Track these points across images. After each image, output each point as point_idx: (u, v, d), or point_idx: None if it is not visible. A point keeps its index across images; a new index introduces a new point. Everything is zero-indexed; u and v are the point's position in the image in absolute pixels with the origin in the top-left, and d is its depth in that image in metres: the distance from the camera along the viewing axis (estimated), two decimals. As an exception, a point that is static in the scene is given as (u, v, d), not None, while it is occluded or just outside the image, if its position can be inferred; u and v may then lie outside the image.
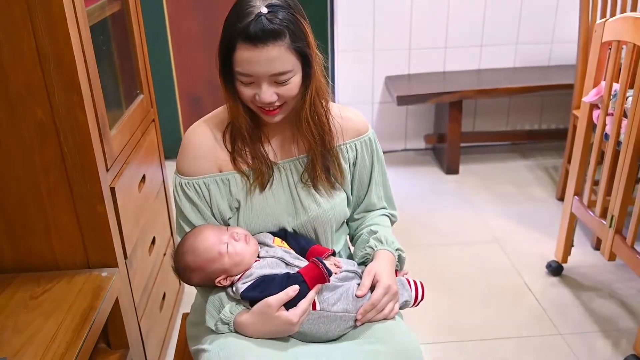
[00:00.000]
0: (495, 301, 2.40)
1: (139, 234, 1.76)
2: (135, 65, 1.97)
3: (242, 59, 1.16)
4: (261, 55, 1.14)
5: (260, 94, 1.19)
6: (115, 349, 1.61)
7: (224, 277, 1.26)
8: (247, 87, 1.20)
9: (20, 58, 1.31)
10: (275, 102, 1.21)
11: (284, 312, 1.21)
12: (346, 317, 1.26)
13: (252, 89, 1.20)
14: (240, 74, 1.18)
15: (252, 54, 1.14)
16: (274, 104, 1.22)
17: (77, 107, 1.36)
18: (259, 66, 1.16)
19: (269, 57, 1.15)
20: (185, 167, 1.32)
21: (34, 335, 1.30)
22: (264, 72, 1.16)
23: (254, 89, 1.20)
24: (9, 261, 1.52)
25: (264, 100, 1.19)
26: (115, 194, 1.53)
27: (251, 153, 1.32)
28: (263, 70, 1.16)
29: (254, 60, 1.15)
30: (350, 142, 1.39)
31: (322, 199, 1.36)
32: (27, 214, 1.47)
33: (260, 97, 1.19)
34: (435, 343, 2.16)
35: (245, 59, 1.15)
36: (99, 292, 1.45)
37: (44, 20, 1.28)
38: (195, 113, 3.70)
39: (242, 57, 1.16)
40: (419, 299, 1.37)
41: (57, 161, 1.42)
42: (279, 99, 1.21)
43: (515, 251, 2.73)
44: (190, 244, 1.27)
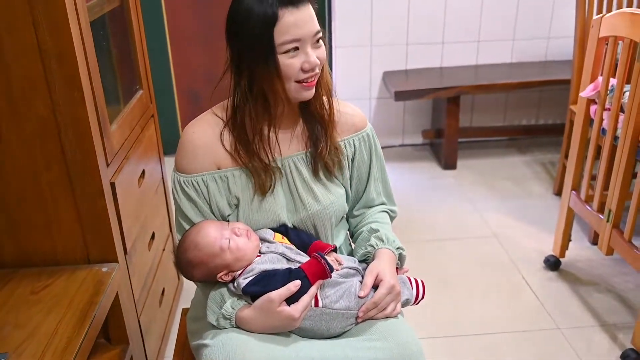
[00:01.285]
0: (493, 296, 2.41)
1: (138, 230, 1.77)
2: (135, 61, 1.97)
3: (288, 24, 1.18)
4: (305, 14, 1.20)
5: (309, 58, 1.21)
6: (115, 344, 1.61)
7: (225, 273, 1.26)
8: (294, 58, 1.22)
9: (22, 54, 1.31)
10: (318, 66, 1.24)
11: (286, 307, 1.21)
12: (348, 314, 1.27)
13: (299, 58, 1.22)
14: (288, 42, 1.19)
15: (297, 16, 1.18)
16: (316, 70, 1.24)
17: (78, 103, 1.37)
18: (305, 26, 1.20)
19: (310, 15, 1.21)
20: (184, 165, 1.33)
21: (35, 331, 1.30)
22: (309, 32, 1.20)
23: (300, 58, 1.22)
24: (9, 256, 1.53)
25: (314, 62, 1.22)
26: (116, 189, 1.53)
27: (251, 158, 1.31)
28: (308, 30, 1.20)
29: (300, 22, 1.19)
30: (349, 138, 1.39)
31: (322, 195, 1.37)
32: (27, 209, 1.47)
33: (309, 61, 1.21)
34: (433, 338, 2.17)
35: (292, 22, 1.18)
36: (99, 288, 1.45)
37: (45, 16, 1.28)
38: (193, 109, 3.70)
39: (289, 22, 1.18)
40: (419, 298, 1.37)
41: (57, 156, 1.42)
42: (319, 65, 1.24)
43: (513, 246, 2.74)
44: (192, 240, 1.27)
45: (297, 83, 1.24)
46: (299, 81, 1.24)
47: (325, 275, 1.23)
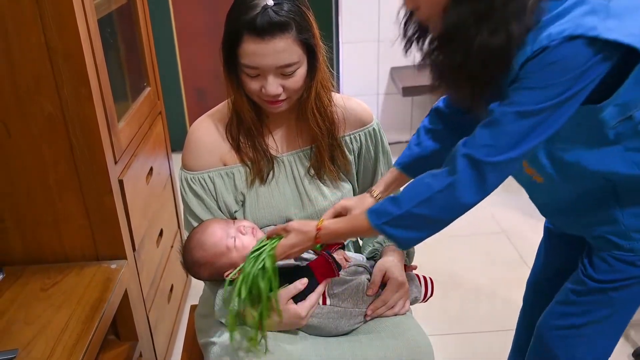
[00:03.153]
0: (502, 293, 2.40)
1: (146, 226, 1.77)
2: (142, 58, 1.97)
3: (248, 51, 1.15)
4: (268, 47, 1.14)
5: (267, 87, 1.18)
6: (124, 341, 1.62)
7: (232, 271, 1.26)
8: (253, 79, 1.20)
9: (30, 52, 1.31)
10: (280, 94, 1.20)
11: (293, 305, 1.21)
12: (356, 312, 1.26)
13: (258, 82, 1.20)
14: (246, 66, 1.18)
15: (258, 47, 1.14)
16: (279, 96, 1.21)
17: (86, 100, 1.37)
18: (266, 58, 1.15)
19: (275, 49, 1.14)
20: (191, 162, 1.33)
21: (44, 327, 1.31)
22: (271, 65, 1.16)
23: (260, 82, 1.19)
24: (19, 253, 1.53)
25: (270, 92, 1.19)
26: (124, 186, 1.54)
27: (252, 146, 1.32)
28: (270, 63, 1.16)
29: (260, 53, 1.15)
30: (355, 132, 1.39)
31: (328, 191, 1.36)
32: (36, 206, 1.48)
33: (266, 90, 1.19)
34: (442, 335, 2.16)
35: (252, 51, 1.15)
36: (108, 284, 1.46)
37: (53, 14, 1.28)
38: (200, 106, 3.70)
39: (249, 50, 1.15)
40: (428, 295, 1.37)
41: (66, 154, 1.42)
42: (284, 92, 1.21)
43: (522, 242, 2.72)
44: (198, 239, 1.27)
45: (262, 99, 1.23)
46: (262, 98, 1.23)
47: (333, 273, 1.22)
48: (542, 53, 0.93)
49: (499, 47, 0.95)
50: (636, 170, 1.06)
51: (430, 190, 1.03)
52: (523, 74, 0.96)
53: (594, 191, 1.14)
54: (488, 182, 1.01)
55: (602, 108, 0.99)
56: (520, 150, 0.99)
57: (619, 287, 1.17)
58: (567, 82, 0.93)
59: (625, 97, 0.98)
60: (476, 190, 1.01)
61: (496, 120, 0.98)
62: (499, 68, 0.97)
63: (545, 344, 1.29)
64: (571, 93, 0.94)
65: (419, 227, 1.07)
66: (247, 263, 1.17)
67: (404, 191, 1.08)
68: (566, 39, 0.91)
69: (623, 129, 1.02)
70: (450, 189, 1.01)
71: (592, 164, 1.08)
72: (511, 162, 1.01)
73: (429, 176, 1.06)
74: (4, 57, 1.32)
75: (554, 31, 0.92)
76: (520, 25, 0.93)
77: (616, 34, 0.90)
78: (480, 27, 0.94)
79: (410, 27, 1.15)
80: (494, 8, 0.93)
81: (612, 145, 1.04)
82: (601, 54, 0.92)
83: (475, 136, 1.01)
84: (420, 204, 1.04)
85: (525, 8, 0.93)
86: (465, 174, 1.00)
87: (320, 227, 1.15)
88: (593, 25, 0.90)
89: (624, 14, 0.93)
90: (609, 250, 1.16)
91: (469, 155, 1.00)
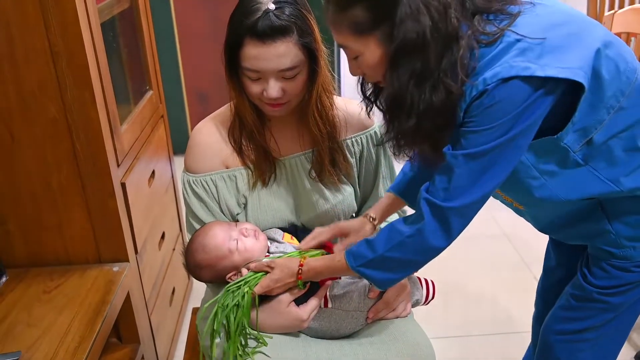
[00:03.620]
0: (504, 296, 2.40)
1: (148, 229, 1.78)
2: (145, 62, 1.98)
3: (249, 55, 1.16)
4: (269, 51, 1.14)
5: (268, 90, 1.19)
6: (126, 344, 1.62)
7: (234, 273, 1.27)
8: (254, 82, 1.20)
9: (33, 56, 1.32)
10: (281, 97, 1.21)
11: (294, 307, 1.22)
12: (358, 315, 1.27)
13: (259, 85, 1.20)
14: (248, 69, 1.18)
15: (260, 51, 1.15)
16: (280, 100, 1.22)
17: (89, 104, 1.38)
18: (267, 62, 1.16)
19: (277, 53, 1.15)
20: (193, 165, 1.34)
21: (47, 329, 1.31)
22: (272, 68, 1.17)
23: (261, 85, 1.20)
24: (21, 256, 1.54)
25: (271, 95, 1.19)
26: (126, 190, 1.54)
27: (254, 149, 1.32)
28: (271, 67, 1.16)
29: (262, 57, 1.15)
30: (356, 135, 1.39)
31: (330, 194, 1.37)
32: (39, 209, 1.49)
33: (267, 93, 1.19)
34: (442, 338, 2.16)
35: (253, 55, 1.15)
36: (111, 287, 1.46)
37: (56, 18, 1.29)
38: (202, 109, 3.71)
39: (250, 54, 1.16)
40: (429, 298, 1.37)
41: (69, 157, 1.43)
42: (285, 95, 1.21)
43: (524, 245, 2.72)
44: (200, 242, 1.28)
45: (263, 102, 1.24)
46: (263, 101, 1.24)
47: (335, 278, 1.23)
48: (480, 97, 0.95)
49: (442, 103, 0.97)
50: (611, 186, 1.07)
51: (401, 235, 1.07)
52: (467, 118, 0.99)
53: (579, 209, 1.16)
54: (452, 227, 1.04)
55: (562, 137, 1.02)
56: (477, 193, 1.02)
57: (616, 292, 1.18)
58: (509, 121, 0.95)
59: (583, 122, 1.01)
60: (442, 235, 1.04)
61: (448, 164, 1.01)
62: (448, 121, 1.00)
63: (550, 349, 1.30)
64: (516, 132, 0.96)
65: (393, 269, 1.11)
66: (225, 296, 1.19)
67: (379, 235, 1.11)
68: (501, 81, 0.93)
69: (587, 152, 1.05)
70: (419, 234, 1.05)
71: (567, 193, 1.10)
72: (471, 206, 1.03)
73: (401, 221, 1.09)
74: (8, 61, 1.33)
75: (488, 75, 0.94)
76: (456, 78, 0.96)
77: (552, 70, 0.93)
78: (421, 88, 0.97)
79: (366, 87, 1.20)
80: (429, 67, 0.95)
81: (581, 167, 1.06)
82: (542, 89, 0.94)
83: (435, 181, 1.04)
84: (392, 249, 1.08)
85: (457, 61, 0.95)
86: (430, 220, 1.04)
87: (302, 263, 1.19)
88: (526, 66, 0.93)
89: (561, 48, 0.95)
90: (605, 259, 1.17)
91: (429, 201, 1.03)
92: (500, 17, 0.98)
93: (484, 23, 0.97)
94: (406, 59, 0.96)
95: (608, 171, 1.06)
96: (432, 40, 0.94)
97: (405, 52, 0.95)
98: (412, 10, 0.93)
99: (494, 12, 0.98)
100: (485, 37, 0.96)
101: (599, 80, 0.98)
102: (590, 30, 1.01)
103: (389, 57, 0.98)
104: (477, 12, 0.98)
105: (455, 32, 0.95)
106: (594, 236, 1.17)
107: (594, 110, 1.00)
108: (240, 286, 1.19)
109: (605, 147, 1.04)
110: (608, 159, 1.06)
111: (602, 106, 1.00)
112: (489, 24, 0.97)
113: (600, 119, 1.01)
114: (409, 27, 0.93)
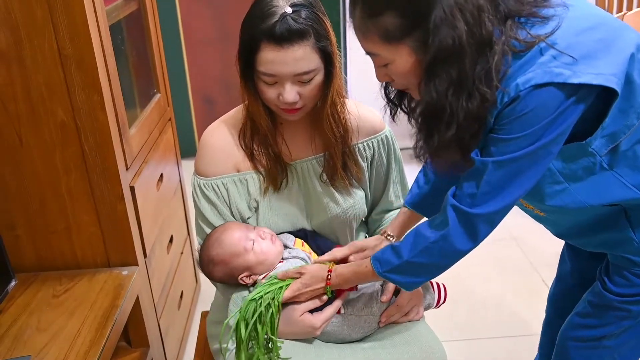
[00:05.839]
0: (512, 299, 2.38)
1: (157, 233, 1.77)
2: (152, 65, 1.98)
3: (266, 59, 1.14)
4: (287, 55, 1.13)
5: (284, 94, 1.17)
6: (135, 347, 1.62)
7: (247, 275, 1.26)
8: (270, 87, 1.19)
9: (42, 59, 1.32)
10: (297, 101, 1.20)
11: (308, 315, 1.21)
12: (370, 319, 1.26)
13: (275, 89, 1.18)
14: (264, 74, 1.16)
15: (277, 54, 1.13)
16: (296, 104, 1.20)
17: (98, 107, 1.37)
18: (284, 66, 1.14)
19: (294, 57, 1.13)
20: (204, 168, 1.33)
21: (57, 334, 1.31)
22: (289, 72, 1.15)
23: (277, 89, 1.18)
24: (30, 260, 1.53)
25: (288, 100, 1.18)
26: (135, 193, 1.54)
27: (266, 154, 1.31)
28: (288, 71, 1.15)
29: (279, 61, 1.14)
30: (367, 140, 1.38)
31: (341, 198, 1.36)
32: (48, 213, 1.48)
33: (283, 97, 1.18)
34: (451, 341, 2.15)
35: (270, 59, 1.14)
36: (120, 291, 1.46)
37: (65, 21, 1.29)
38: (208, 113, 3.71)
39: (267, 58, 1.14)
40: (441, 301, 1.37)
41: (77, 161, 1.43)
42: (301, 99, 1.20)
43: (532, 249, 2.71)
44: (217, 237, 1.28)
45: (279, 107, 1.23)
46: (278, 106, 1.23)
47: (352, 288, 1.23)
48: (512, 104, 0.93)
49: (478, 110, 0.95)
50: (636, 192, 1.05)
51: (427, 241, 1.07)
52: (497, 126, 0.97)
53: (602, 216, 1.14)
54: (479, 233, 1.05)
55: (590, 143, 1.00)
56: (505, 200, 1.01)
57: (637, 301, 1.16)
58: (541, 129, 0.94)
59: (612, 128, 0.99)
60: (468, 240, 1.05)
61: (477, 170, 1.00)
62: (481, 127, 0.98)
63: (567, 355, 1.28)
64: (547, 139, 0.95)
65: (419, 273, 1.12)
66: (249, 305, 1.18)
67: (404, 241, 1.12)
68: (534, 88, 0.91)
69: (613, 157, 1.03)
70: (443, 240, 1.05)
71: (591, 198, 1.07)
72: (499, 212, 1.03)
73: (426, 226, 1.09)
74: (17, 65, 1.32)
75: (521, 81, 0.92)
76: (490, 85, 0.93)
77: (585, 76, 0.90)
78: (459, 97, 0.94)
79: (389, 90, 1.17)
80: (466, 74, 0.93)
81: (606, 172, 1.04)
82: (574, 96, 0.92)
83: (462, 186, 1.03)
84: (418, 254, 1.08)
85: (491, 68, 0.92)
86: (456, 225, 1.03)
87: (331, 269, 1.20)
88: (560, 72, 0.90)
89: (594, 53, 0.93)
90: (627, 267, 1.15)
91: (455, 207, 1.03)
92: (532, 21, 0.95)
93: (515, 28, 0.94)
94: (443, 67, 0.93)
95: (633, 177, 1.04)
96: (467, 46, 0.91)
97: (442, 60, 0.92)
98: (446, 16, 0.89)
99: (525, 16, 0.95)
100: (517, 44, 0.93)
101: (631, 85, 0.96)
102: (623, 34, 0.98)
103: (425, 65, 0.95)
104: (509, 16, 0.95)
105: (490, 38, 0.92)
106: (617, 244, 1.15)
107: (624, 116, 0.98)
108: (262, 296, 1.18)
109: (631, 152, 1.02)
110: (633, 165, 1.04)
111: (633, 111, 0.98)
112: (521, 29, 0.94)
113: (630, 124, 0.99)
114: (444, 33, 0.90)
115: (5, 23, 1.29)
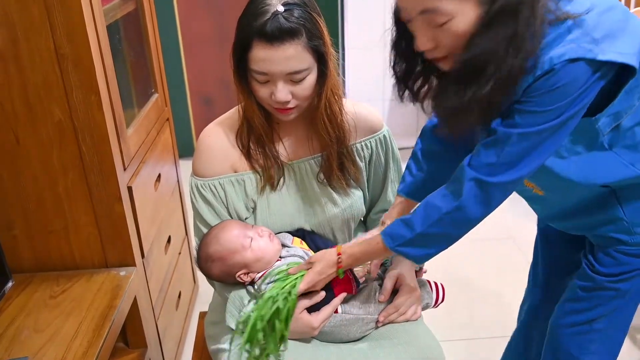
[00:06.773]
0: (509, 298, 2.38)
1: (155, 233, 1.77)
2: (150, 64, 1.97)
3: (258, 57, 1.15)
4: (278, 54, 1.13)
5: (276, 93, 1.18)
6: (133, 348, 1.61)
7: (244, 272, 1.26)
8: (263, 85, 1.19)
9: (39, 58, 1.31)
10: (290, 101, 1.20)
11: (306, 315, 1.20)
12: (368, 319, 1.26)
13: (268, 88, 1.19)
14: (256, 72, 1.17)
15: (268, 53, 1.13)
16: (288, 103, 1.20)
17: (95, 107, 1.37)
18: (276, 65, 1.14)
19: (285, 55, 1.14)
20: (201, 169, 1.32)
21: (54, 335, 1.30)
22: (280, 71, 1.15)
23: (270, 88, 1.19)
24: (27, 261, 1.53)
25: (280, 99, 1.18)
26: (133, 193, 1.53)
27: (263, 153, 1.31)
28: (279, 69, 1.15)
29: (270, 59, 1.14)
30: (365, 139, 1.38)
31: (339, 198, 1.35)
32: (45, 213, 1.48)
33: (275, 96, 1.18)
34: (448, 340, 2.14)
35: (262, 57, 1.14)
36: (118, 292, 1.45)
37: (62, 20, 1.28)
38: (206, 113, 3.71)
39: (258, 56, 1.14)
40: (439, 301, 1.37)
41: (75, 161, 1.42)
42: (293, 99, 1.20)
43: (530, 248, 2.70)
44: (215, 234, 1.28)
45: (272, 106, 1.23)
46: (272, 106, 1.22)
47: (352, 290, 1.23)
48: (544, 76, 0.94)
49: (518, 72, 0.95)
50: (631, 169, 1.08)
51: (439, 212, 1.07)
52: (525, 97, 0.98)
53: (594, 197, 1.17)
54: (492, 201, 1.05)
55: (598, 119, 1.03)
56: (522, 170, 1.02)
57: (626, 278, 1.19)
58: (568, 104, 0.96)
59: (618, 107, 1.02)
60: (481, 208, 1.05)
61: (499, 140, 1.01)
62: (511, 95, 0.99)
63: (560, 344, 1.30)
64: (571, 113, 0.97)
65: (432, 244, 1.12)
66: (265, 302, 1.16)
67: (416, 213, 1.11)
68: (568, 62, 0.93)
69: (614, 135, 1.06)
70: (457, 210, 1.05)
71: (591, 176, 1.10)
72: (515, 182, 1.04)
73: (438, 197, 1.09)
74: (14, 64, 1.32)
75: (555, 55, 0.93)
76: (532, 48, 0.94)
77: (611, 54, 0.93)
78: (507, 54, 0.94)
79: (398, 68, 1.17)
80: (519, 32, 0.93)
81: (606, 152, 1.07)
82: (598, 73, 0.95)
83: (480, 155, 1.03)
84: (431, 225, 1.08)
85: (536, 32, 0.94)
86: (470, 195, 1.04)
87: (340, 252, 1.19)
88: (590, 48, 0.93)
89: (615, 33, 0.95)
90: (613, 246, 1.18)
91: (473, 176, 1.03)
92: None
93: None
94: (501, 22, 0.93)
95: (631, 156, 1.08)
96: (524, 5, 0.92)
97: (504, 14, 0.93)
98: None
99: None
100: (549, 15, 0.95)
101: None
102: (633, 17, 1.01)
103: (486, 18, 0.94)
104: None
105: None
106: (605, 224, 1.18)
107: (628, 96, 1.01)
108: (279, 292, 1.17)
109: (630, 132, 1.06)
110: (631, 145, 1.07)
111: (637, 92, 1.01)
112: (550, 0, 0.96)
113: (632, 104, 1.02)
114: None
115: (2, 22, 1.28)
